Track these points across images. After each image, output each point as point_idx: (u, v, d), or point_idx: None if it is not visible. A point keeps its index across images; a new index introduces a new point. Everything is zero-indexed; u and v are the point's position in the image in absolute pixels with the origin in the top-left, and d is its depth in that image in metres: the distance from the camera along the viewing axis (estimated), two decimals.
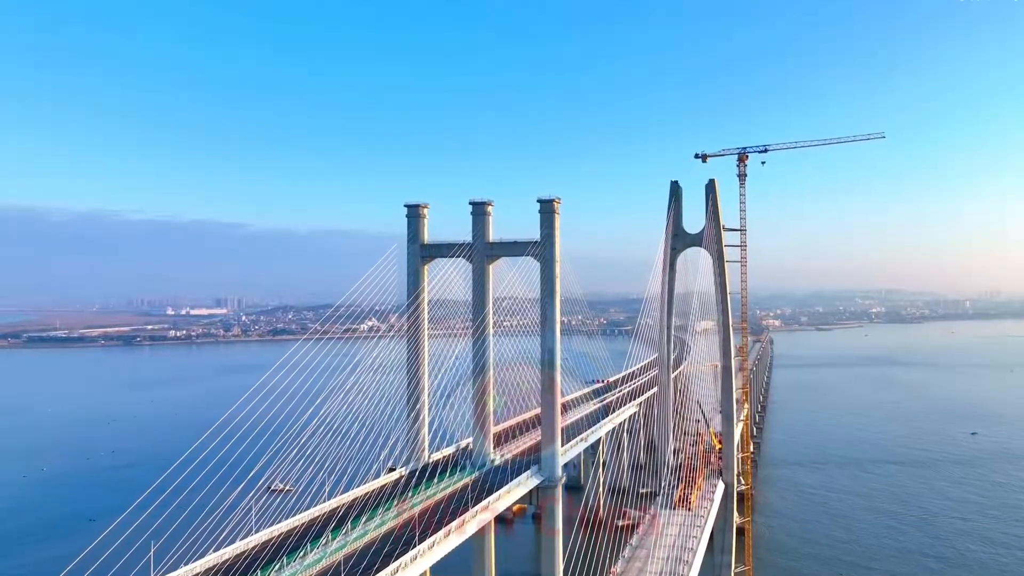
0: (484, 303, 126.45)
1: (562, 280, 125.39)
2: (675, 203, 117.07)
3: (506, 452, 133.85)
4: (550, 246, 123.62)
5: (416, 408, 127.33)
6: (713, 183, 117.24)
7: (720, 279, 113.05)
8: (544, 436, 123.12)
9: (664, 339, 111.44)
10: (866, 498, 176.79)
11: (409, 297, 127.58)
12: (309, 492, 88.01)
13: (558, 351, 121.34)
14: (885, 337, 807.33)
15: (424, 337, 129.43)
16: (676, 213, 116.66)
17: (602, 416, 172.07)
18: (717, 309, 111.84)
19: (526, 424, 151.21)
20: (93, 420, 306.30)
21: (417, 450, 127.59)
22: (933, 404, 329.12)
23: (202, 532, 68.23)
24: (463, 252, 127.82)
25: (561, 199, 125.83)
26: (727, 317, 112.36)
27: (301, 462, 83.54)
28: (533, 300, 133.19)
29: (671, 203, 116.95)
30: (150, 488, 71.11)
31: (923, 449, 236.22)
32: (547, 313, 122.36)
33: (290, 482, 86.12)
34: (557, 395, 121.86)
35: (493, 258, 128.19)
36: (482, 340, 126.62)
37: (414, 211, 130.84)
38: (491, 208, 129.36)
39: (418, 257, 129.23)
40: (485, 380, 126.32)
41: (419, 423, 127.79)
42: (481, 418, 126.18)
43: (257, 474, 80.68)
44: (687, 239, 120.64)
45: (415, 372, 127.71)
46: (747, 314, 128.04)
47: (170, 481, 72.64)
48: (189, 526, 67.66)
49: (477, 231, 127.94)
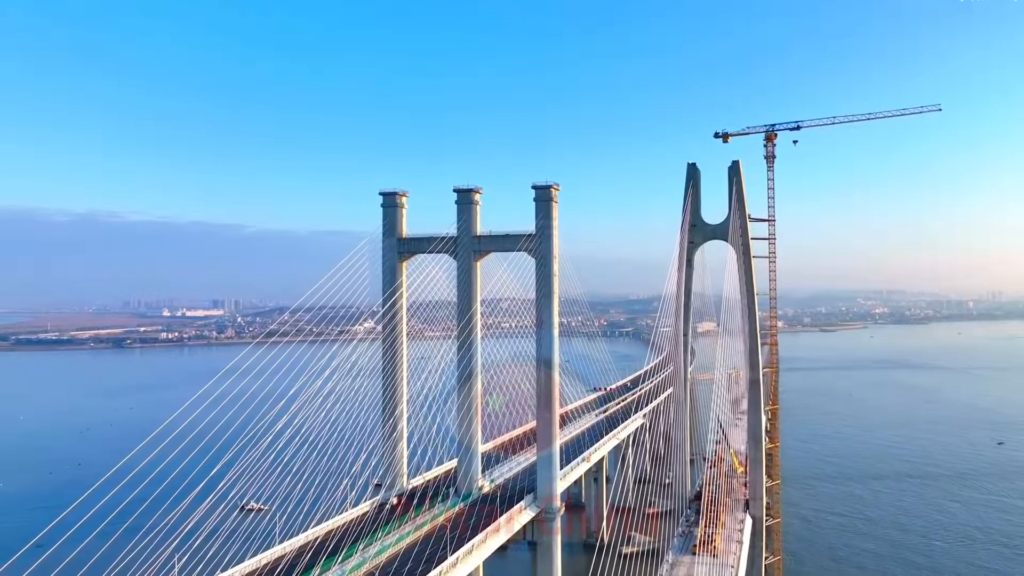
0: (471, 305, 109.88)
1: (561, 278, 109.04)
2: (692, 189, 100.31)
3: (496, 475, 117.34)
4: (547, 239, 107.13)
5: (394, 425, 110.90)
6: (737, 165, 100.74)
7: (747, 277, 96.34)
8: (540, 460, 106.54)
9: (680, 346, 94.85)
10: (897, 524, 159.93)
11: (384, 297, 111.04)
12: (282, 512, 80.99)
13: (556, 362, 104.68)
14: (891, 338, 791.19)
15: (403, 344, 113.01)
16: (694, 201, 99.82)
17: (605, 430, 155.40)
18: (743, 313, 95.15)
19: (520, 441, 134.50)
20: (64, 429, 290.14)
21: (395, 474, 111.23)
22: (952, 410, 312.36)
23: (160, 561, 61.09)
24: (446, 247, 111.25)
25: (560, 185, 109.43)
26: (754, 322, 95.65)
27: (274, 477, 77.64)
28: (527, 301, 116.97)
29: (688, 189, 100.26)
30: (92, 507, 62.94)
31: (949, 461, 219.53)
32: (543, 316, 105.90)
33: (262, 500, 79.52)
34: (555, 412, 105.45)
35: (481, 253, 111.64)
36: (468, 347, 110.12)
37: (390, 200, 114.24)
38: (479, 196, 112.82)
39: (395, 252, 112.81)
40: (472, 393, 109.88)
41: (397, 442, 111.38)
42: (467, 436, 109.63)
43: (227, 489, 73.64)
44: (706, 231, 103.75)
45: (393, 384, 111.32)
46: (776, 319, 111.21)
47: (136, 499, 67.72)
48: (149, 551, 61.70)
49: (463, 222, 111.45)
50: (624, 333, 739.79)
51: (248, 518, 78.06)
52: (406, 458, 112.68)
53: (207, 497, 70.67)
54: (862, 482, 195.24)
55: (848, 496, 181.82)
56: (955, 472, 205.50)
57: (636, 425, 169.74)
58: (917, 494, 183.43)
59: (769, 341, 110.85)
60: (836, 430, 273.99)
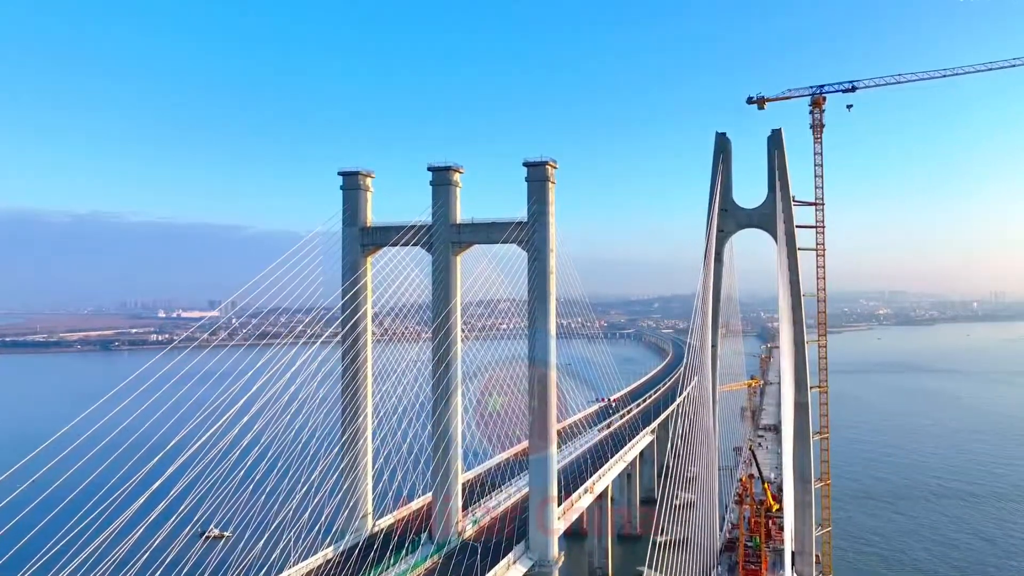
0: (448, 307, 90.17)
1: (558, 275, 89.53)
2: (723, 165, 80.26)
3: (480, 513, 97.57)
4: (542, 227, 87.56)
5: (354, 456, 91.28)
6: (779, 135, 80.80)
7: (793, 275, 76.44)
8: (533, 497, 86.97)
9: (708, 356, 74.81)
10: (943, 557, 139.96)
11: (345, 301, 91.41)
12: (246, 541, 68.24)
13: (553, 383, 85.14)
14: (899, 340, 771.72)
15: (368, 358, 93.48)
16: (724, 179, 79.80)
17: (611, 450, 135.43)
18: (787, 318, 75.13)
19: (509, 466, 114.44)
20: (24, 440, 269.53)
21: (358, 513, 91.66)
22: (980, 419, 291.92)
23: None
24: (419, 237, 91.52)
25: (557, 163, 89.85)
26: (801, 330, 75.66)
27: (239, 497, 67.70)
28: (517, 302, 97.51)
29: (717, 165, 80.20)
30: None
31: (986, 479, 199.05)
32: (537, 323, 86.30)
33: (227, 526, 69.60)
34: (551, 439, 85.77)
35: (462, 246, 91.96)
36: (447, 357, 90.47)
37: (352, 181, 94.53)
38: (459, 176, 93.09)
39: (357, 244, 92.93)
40: (450, 412, 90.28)
41: (359, 474, 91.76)
42: (445, 465, 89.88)
43: (190, 512, 64.76)
44: (740, 217, 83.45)
45: (355, 401, 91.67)
46: (826, 325, 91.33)
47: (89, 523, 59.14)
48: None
49: (439, 208, 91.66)
50: (625, 335, 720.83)
51: (210, 550, 67.90)
52: (371, 492, 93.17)
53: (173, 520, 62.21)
54: (892, 502, 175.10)
55: (882, 520, 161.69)
56: (997, 492, 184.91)
57: (644, 444, 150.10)
58: (959, 517, 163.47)
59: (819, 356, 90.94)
60: (852, 439, 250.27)
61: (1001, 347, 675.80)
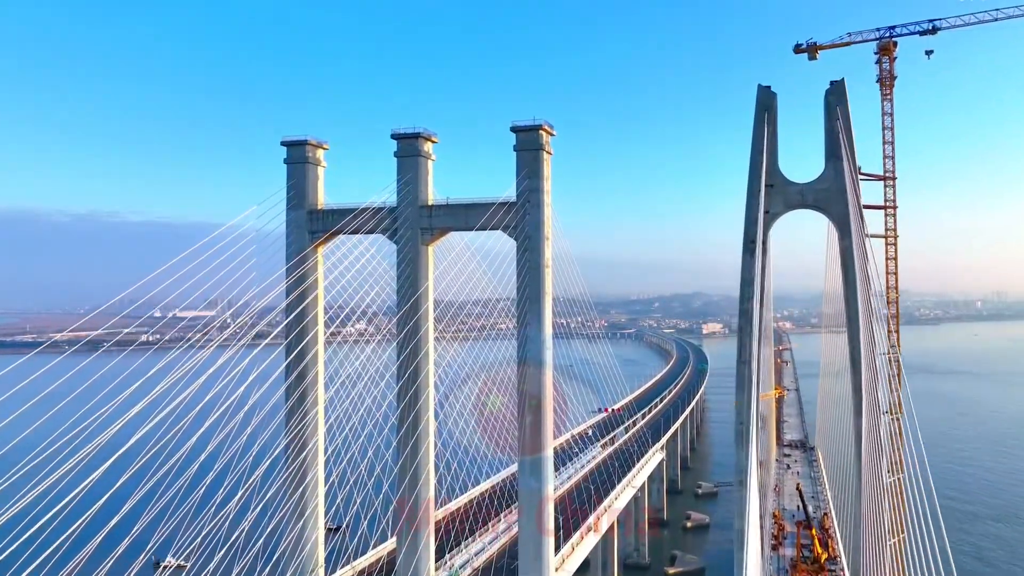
0: (417, 310, 72.19)
1: (555, 268, 71.70)
2: (768, 125, 61.67)
3: (460, 561, 79.72)
4: (535, 208, 69.84)
5: (303, 486, 73.44)
6: (841, 88, 62.07)
7: (861, 263, 58.06)
8: (524, 545, 69.23)
9: (751, 359, 56.28)
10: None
11: (288, 296, 73.62)
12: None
13: (549, 404, 67.48)
14: (906, 341, 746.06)
15: (320, 362, 75.65)
16: (770, 143, 61.26)
17: (616, 473, 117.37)
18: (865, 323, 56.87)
19: (493, 495, 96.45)
20: None
21: (308, 561, 73.88)
22: (1013, 427, 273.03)
23: None
24: (380, 223, 73.61)
25: (554, 129, 72.11)
26: (872, 340, 57.27)
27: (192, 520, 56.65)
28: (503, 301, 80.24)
29: (760, 127, 61.49)
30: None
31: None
32: (529, 332, 68.45)
33: (184, 554, 57.90)
34: (548, 479, 67.95)
35: (434, 233, 73.98)
36: (414, 372, 72.56)
37: (298, 153, 76.49)
38: (431, 146, 75.16)
39: (304, 232, 74.94)
40: (418, 438, 72.53)
41: (307, 515, 73.91)
42: (411, 502, 71.91)
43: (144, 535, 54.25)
44: (790, 195, 64.32)
45: (301, 426, 73.77)
46: (899, 333, 73.11)
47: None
48: None
49: (406, 186, 73.60)
50: (626, 335, 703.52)
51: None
52: (322, 539, 75.36)
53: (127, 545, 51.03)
54: None
55: None
56: None
57: (656, 462, 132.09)
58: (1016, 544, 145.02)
59: (893, 369, 72.47)
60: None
61: (1009, 347, 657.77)
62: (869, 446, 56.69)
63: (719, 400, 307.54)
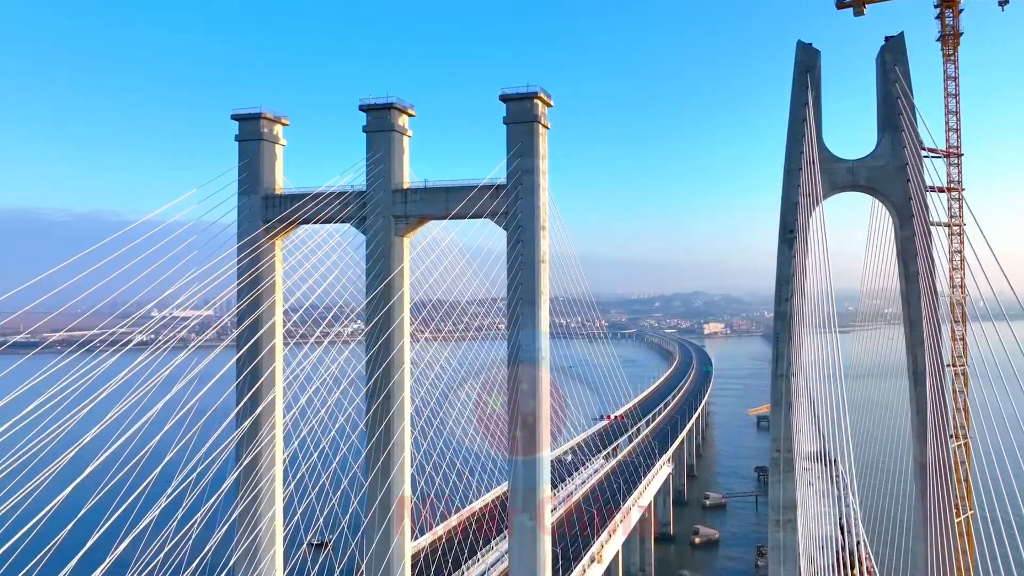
0: (391, 316, 61.33)
1: (551, 264, 60.89)
2: (812, 90, 50.41)
3: None
4: (528, 192, 59.00)
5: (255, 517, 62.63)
6: (900, 44, 50.51)
7: (926, 255, 47.27)
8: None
9: (790, 372, 45.63)
10: None
11: (240, 299, 62.84)
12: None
13: (546, 416, 56.69)
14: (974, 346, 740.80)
15: (278, 370, 64.86)
16: (814, 114, 49.87)
17: (621, 490, 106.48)
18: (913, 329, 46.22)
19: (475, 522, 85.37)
20: None
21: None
22: None
23: None
24: (345, 209, 62.73)
25: (551, 98, 61.32)
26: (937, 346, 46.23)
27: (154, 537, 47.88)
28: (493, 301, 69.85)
29: (801, 92, 50.10)
30: None
31: None
32: (523, 340, 57.64)
33: None
34: (544, 515, 57.06)
35: (409, 222, 63.08)
36: (386, 385, 61.72)
37: (252, 128, 65.50)
38: (407, 120, 64.29)
39: (258, 220, 64.03)
40: (391, 461, 61.82)
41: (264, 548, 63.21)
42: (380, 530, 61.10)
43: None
44: (838, 173, 52.23)
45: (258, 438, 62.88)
46: (965, 341, 62.42)
47: None
48: None
49: (376, 167, 62.66)
50: (627, 335, 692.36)
51: None
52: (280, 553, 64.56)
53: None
54: None
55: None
56: None
57: (664, 475, 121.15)
58: None
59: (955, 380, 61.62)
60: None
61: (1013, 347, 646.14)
62: (937, 480, 45.74)
63: (721, 402, 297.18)
